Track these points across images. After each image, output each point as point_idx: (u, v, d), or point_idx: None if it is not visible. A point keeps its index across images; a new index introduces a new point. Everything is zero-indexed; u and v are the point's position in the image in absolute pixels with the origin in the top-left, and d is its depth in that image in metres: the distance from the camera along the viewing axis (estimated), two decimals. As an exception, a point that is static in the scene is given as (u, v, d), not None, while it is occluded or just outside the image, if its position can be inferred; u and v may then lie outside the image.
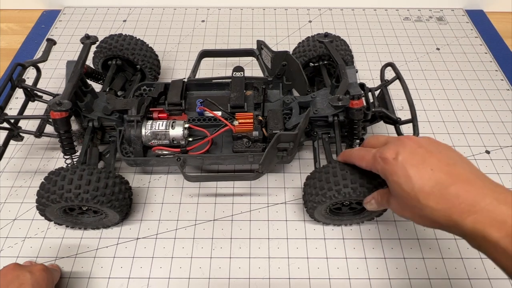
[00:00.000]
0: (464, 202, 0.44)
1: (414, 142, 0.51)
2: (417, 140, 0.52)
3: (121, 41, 0.86)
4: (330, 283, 0.68)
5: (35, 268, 0.61)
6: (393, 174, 0.50)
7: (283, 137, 0.66)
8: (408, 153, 0.50)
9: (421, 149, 0.50)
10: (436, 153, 0.49)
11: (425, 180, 0.47)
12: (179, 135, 0.71)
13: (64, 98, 0.66)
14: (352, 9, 1.22)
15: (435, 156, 0.49)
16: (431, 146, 0.51)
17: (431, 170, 0.47)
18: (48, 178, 0.64)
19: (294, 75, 0.79)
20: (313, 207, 0.67)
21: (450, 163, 0.48)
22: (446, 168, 0.47)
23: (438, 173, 0.47)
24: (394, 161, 0.50)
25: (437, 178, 0.47)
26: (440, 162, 0.48)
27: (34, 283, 0.58)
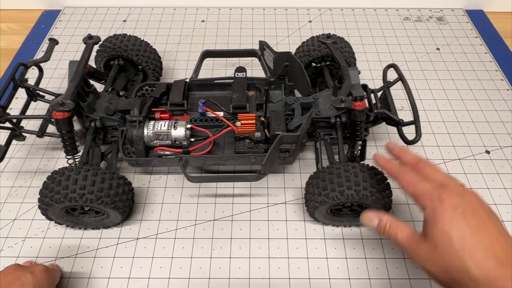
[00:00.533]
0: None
1: (478, 201, 0.48)
2: (480, 200, 0.49)
3: (126, 42, 0.86)
4: (330, 283, 0.68)
5: (36, 268, 0.61)
6: (446, 223, 0.46)
7: (285, 138, 0.66)
8: (471, 210, 0.47)
9: (484, 213, 0.47)
10: (495, 222, 0.47)
11: (480, 248, 0.44)
12: (181, 136, 0.71)
13: (66, 98, 0.66)
14: (352, 9, 1.23)
15: (495, 227, 0.46)
16: (491, 212, 0.48)
17: (489, 241, 0.45)
18: (52, 178, 0.64)
19: (296, 76, 0.79)
20: (314, 207, 0.67)
21: (508, 241, 0.45)
22: (504, 241, 0.45)
23: (496, 246, 0.44)
24: (453, 211, 0.47)
25: (494, 251, 0.44)
26: (500, 236, 0.45)
27: (36, 284, 0.58)
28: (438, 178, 0.52)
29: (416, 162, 0.56)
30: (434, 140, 0.88)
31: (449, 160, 0.84)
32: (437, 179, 0.52)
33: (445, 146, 0.86)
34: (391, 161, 0.58)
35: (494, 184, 0.80)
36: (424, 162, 0.56)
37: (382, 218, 0.55)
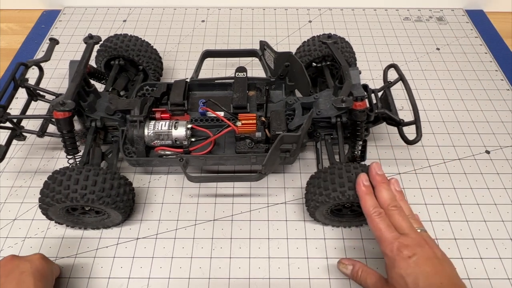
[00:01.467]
0: None
1: (432, 249, 0.56)
2: (434, 248, 0.56)
3: (127, 42, 0.86)
4: (330, 283, 0.68)
5: (34, 257, 0.61)
6: (402, 269, 0.54)
7: (286, 138, 0.66)
8: (424, 257, 0.54)
9: (436, 260, 0.54)
10: (447, 268, 0.54)
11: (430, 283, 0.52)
12: (181, 136, 0.71)
13: (67, 98, 0.66)
14: (352, 9, 1.23)
15: (446, 272, 0.54)
16: (445, 260, 0.56)
17: (440, 283, 0.52)
18: (53, 178, 0.64)
19: (297, 76, 0.79)
20: (315, 207, 0.67)
21: (456, 283, 0.53)
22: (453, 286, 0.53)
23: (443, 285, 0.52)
24: (407, 259, 0.54)
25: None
26: (449, 281, 0.53)
27: (35, 271, 0.59)
28: (402, 227, 0.58)
29: (387, 205, 0.61)
30: (434, 140, 0.88)
31: (449, 160, 0.84)
32: (400, 228, 0.58)
33: (445, 146, 0.86)
34: (370, 194, 0.61)
35: (494, 184, 0.80)
36: (395, 206, 0.60)
37: (355, 265, 0.64)
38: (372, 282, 0.60)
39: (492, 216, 0.76)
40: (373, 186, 0.62)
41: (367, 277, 0.61)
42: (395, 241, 0.56)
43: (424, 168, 0.83)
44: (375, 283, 0.59)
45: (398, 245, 0.55)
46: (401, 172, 0.82)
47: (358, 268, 0.63)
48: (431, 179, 0.81)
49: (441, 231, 0.74)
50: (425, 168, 0.83)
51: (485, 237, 0.73)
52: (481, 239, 0.73)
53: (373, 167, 0.63)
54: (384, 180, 0.63)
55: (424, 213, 0.76)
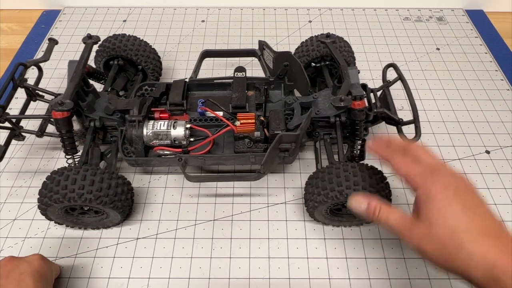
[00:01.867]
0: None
1: (468, 183, 0.49)
2: (469, 182, 0.50)
3: (125, 42, 0.86)
4: (330, 283, 0.68)
5: (32, 257, 0.61)
6: (440, 202, 0.47)
7: (285, 137, 0.66)
8: (463, 190, 0.48)
9: (474, 194, 0.48)
10: (484, 203, 0.48)
11: (475, 225, 0.45)
12: (180, 135, 0.71)
13: (66, 98, 0.66)
14: (352, 9, 1.23)
15: (485, 206, 0.48)
16: (479, 194, 0.49)
17: (482, 219, 0.46)
18: (51, 178, 0.64)
19: (296, 75, 0.79)
20: (314, 207, 0.67)
21: (496, 219, 0.47)
22: (495, 222, 0.46)
23: (488, 224, 0.46)
24: (446, 191, 0.47)
25: (488, 227, 0.45)
26: (490, 215, 0.47)
27: (34, 272, 0.59)
28: (429, 161, 0.53)
29: (406, 144, 0.56)
30: (434, 140, 0.88)
31: (449, 160, 0.84)
32: (428, 162, 0.52)
33: (445, 146, 0.86)
34: (381, 146, 0.58)
35: (494, 184, 0.80)
36: (415, 145, 0.56)
37: (371, 202, 0.54)
38: (396, 219, 0.51)
39: (492, 216, 0.75)
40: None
41: (388, 214, 0.52)
42: (426, 172, 0.50)
43: (424, 168, 0.82)
44: (400, 221, 0.51)
45: (431, 176, 0.49)
46: (401, 172, 0.82)
47: (375, 205, 0.53)
48: (431, 179, 0.81)
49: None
50: (425, 168, 0.83)
51: (485, 237, 0.73)
52: (481, 239, 0.72)
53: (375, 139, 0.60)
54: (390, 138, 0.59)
55: (424, 213, 0.76)
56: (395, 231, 0.51)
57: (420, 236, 0.48)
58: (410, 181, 0.51)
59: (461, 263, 0.44)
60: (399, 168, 0.53)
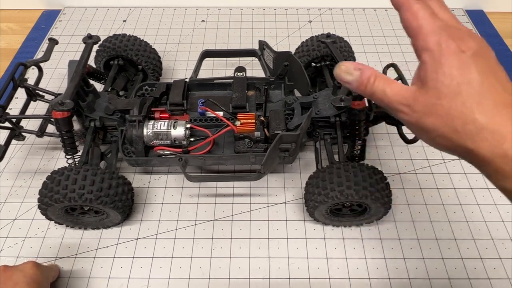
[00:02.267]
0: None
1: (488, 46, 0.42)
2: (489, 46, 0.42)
3: (125, 42, 0.86)
4: (330, 283, 0.68)
5: (26, 266, 0.61)
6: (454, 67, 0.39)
7: (285, 137, 0.66)
8: (481, 55, 0.40)
9: (494, 59, 0.41)
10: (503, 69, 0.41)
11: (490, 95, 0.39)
12: (180, 135, 0.71)
13: (66, 97, 0.66)
14: (352, 9, 1.23)
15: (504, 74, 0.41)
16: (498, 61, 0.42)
17: (501, 87, 0.39)
18: (52, 178, 0.64)
19: (296, 75, 0.79)
20: (314, 207, 0.67)
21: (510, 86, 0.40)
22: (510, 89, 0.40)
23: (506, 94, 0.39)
24: (462, 53, 0.40)
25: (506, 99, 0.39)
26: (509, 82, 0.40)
27: (29, 281, 0.58)
28: (447, 18, 0.43)
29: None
30: (434, 140, 0.87)
31: (449, 160, 0.84)
32: (445, 19, 0.43)
33: (445, 146, 0.86)
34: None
35: (494, 184, 0.80)
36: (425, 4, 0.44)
37: (364, 70, 0.44)
38: (394, 90, 0.43)
39: (492, 216, 0.75)
40: None
41: (385, 85, 0.43)
42: (442, 31, 0.41)
43: (424, 168, 0.83)
44: (400, 91, 0.42)
45: (447, 36, 0.40)
46: (401, 172, 0.82)
47: (370, 73, 0.44)
48: (431, 179, 0.81)
49: (441, 231, 0.74)
50: (425, 168, 0.83)
51: (485, 237, 0.73)
52: (481, 239, 0.73)
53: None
54: None
55: (424, 213, 0.76)
56: (393, 104, 0.43)
57: (424, 108, 0.41)
58: (420, 38, 0.42)
59: (466, 136, 0.39)
60: (413, 18, 0.42)
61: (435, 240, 0.73)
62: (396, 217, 0.76)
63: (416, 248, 0.72)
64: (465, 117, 0.38)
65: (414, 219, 0.75)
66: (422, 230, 0.74)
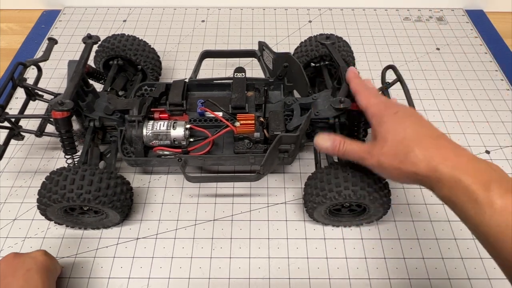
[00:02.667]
0: (448, 153, 0.50)
1: (412, 109, 0.61)
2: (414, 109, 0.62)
3: (124, 41, 0.86)
4: (330, 283, 0.68)
5: (37, 253, 0.61)
6: (391, 122, 0.56)
7: (284, 138, 0.66)
8: (409, 113, 0.57)
9: (418, 115, 0.57)
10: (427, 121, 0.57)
11: (418, 133, 0.53)
12: (180, 136, 0.71)
13: (65, 97, 0.66)
14: (352, 9, 1.23)
15: (428, 122, 0.56)
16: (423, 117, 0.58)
17: (426, 129, 0.55)
18: (50, 178, 0.64)
19: (295, 76, 0.79)
20: (313, 207, 0.67)
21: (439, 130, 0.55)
22: (437, 130, 0.55)
23: (430, 132, 0.54)
24: (394, 114, 0.56)
25: (429, 133, 0.54)
26: (432, 127, 0.55)
27: (40, 268, 0.59)
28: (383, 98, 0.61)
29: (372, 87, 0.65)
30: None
31: (449, 160, 0.84)
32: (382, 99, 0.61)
33: (445, 146, 0.86)
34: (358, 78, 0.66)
35: (494, 184, 0.80)
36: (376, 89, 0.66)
37: (335, 138, 0.61)
38: (357, 147, 0.59)
39: (492, 216, 0.75)
40: None
41: (352, 145, 0.60)
42: (381, 103, 0.59)
43: (424, 168, 0.82)
44: (361, 146, 0.59)
45: (385, 105, 0.58)
46: (401, 172, 0.82)
47: (340, 140, 0.61)
48: (431, 179, 0.81)
49: (441, 231, 0.74)
50: (425, 168, 0.82)
51: (484, 237, 0.73)
52: (481, 239, 0.73)
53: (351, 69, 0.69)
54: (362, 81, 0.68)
55: (424, 213, 0.76)
56: (358, 156, 0.59)
57: (378, 153, 0.55)
58: (368, 110, 0.60)
59: (409, 163, 0.51)
60: (362, 99, 0.62)
61: (435, 240, 0.73)
62: (396, 217, 0.76)
63: (416, 248, 0.72)
64: (406, 151, 0.52)
65: (414, 219, 0.75)
66: (422, 230, 0.74)
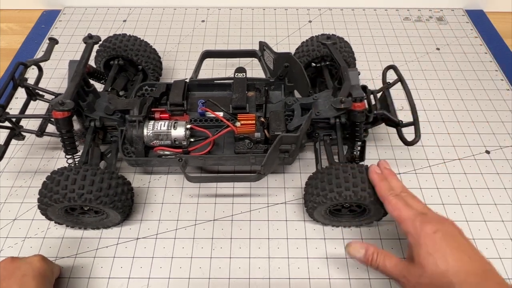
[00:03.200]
0: None
1: (454, 227, 0.55)
2: (455, 226, 0.55)
3: (125, 42, 0.86)
4: (330, 283, 0.68)
5: (34, 258, 0.61)
6: (429, 246, 0.52)
7: (285, 139, 0.66)
8: (449, 234, 0.53)
9: (459, 236, 0.54)
10: (469, 243, 0.53)
11: (462, 267, 0.50)
12: (181, 136, 0.71)
13: (66, 97, 0.66)
14: (352, 9, 1.23)
15: (470, 246, 0.53)
16: (464, 235, 0.54)
17: (469, 259, 0.51)
18: (51, 178, 0.64)
19: (296, 76, 0.79)
20: (313, 207, 0.67)
21: (483, 259, 0.52)
22: (481, 261, 0.51)
23: (475, 263, 0.51)
24: (433, 235, 0.52)
25: (474, 268, 0.50)
26: (475, 255, 0.52)
27: (36, 273, 0.58)
28: (419, 207, 0.58)
29: (400, 190, 0.61)
30: (434, 140, 0.88)
31: (449, 160, 0.84)
32: (417, 208, 0.58)
33: (445, 146, 0.86)
34: (384, 180, 0.62)
35: (494, 184, 0.80)
36: (407, 192, 0.62)
37: (368, 248, 0.59)
38: (392, 264, 0.56)
39: (492, 216, 0.76)
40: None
41: (385, 259, 0.57)
42: (416, 218, 0.55)
43: (424, 168, 0.83)
44: (396, 265, 0.56)
45: (420, 221, 0.54)
46: (401, 172, 0.82)
47: (373, 251, 0.58)
48: (431, 179, 0.81)
49: None
50: (425, 168, 0.83)
51: (485, 237, 0.73)
52: (481, 239, 0.73)
53: (382, 162, 0.66)
54: (393, 173, 0.65)
55: (423, 213, 0.76)
56: (393, 275, 0.56)
57: (416, 280, 0.52)
58: (401, 224, 0.57)
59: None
60: (393, 211, 0.58)
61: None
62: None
63: (416, 248, 0.72)
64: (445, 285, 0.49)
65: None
66: (422, 230, 0.74)
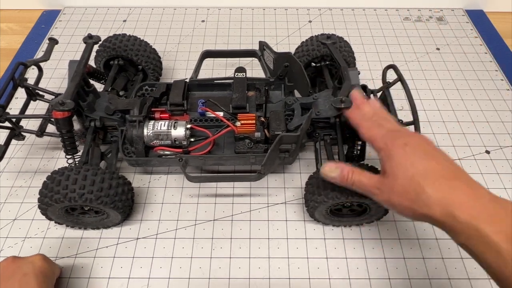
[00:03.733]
0: (464, 197, 0.48)
1: (424, 140, 0.55)
2: (426, 139, 0.56)
3: (125, 41, 0.86)
4: (330, 283, 0.68)
5: (35, 258, 0.61)
6: (400, 157, 0.53)
7: (285, 138, 0.66)
8: (418, 146, 0.53)
9: (429, 147, 0.54)
10: (440, 152, 0.54)
11: (430, 169, 0.50)
12: (181, 136, 0.71)
13: (66, 97, 0.66)
14: (352, 9, 1.23)
15: (440, 154, 0.53)
16: (435, 147, 0.55)
17: (436, 163, 0.51)
18: (52, 178, 0.64)
19: (296, 76, 0.79)
20: (314, 207, 0.67)
21: (453, 163, 0.52)
22: (450, 165, 0.52)
23: (443, 167, 0.51)
24: (403, 146, 0.53)
25: (442, 171, 0.51)
26: (445, 160, 0.52)
27: (37, 273, 0.59)
28: (390, 126, 0.59)
29: (372, 114, 0.62)
30: (434, 140, 0.88)
31: (449, 160, 0.84)
32: (389, 127, 0.58)
33: (445, 146, 0.86)
34: (356, 109, 0.64)
35: (494, 184, 0.80)
36: (378, 114, 0.62)
37: (344, 167, 0.59)
38: (367, 178, 0.57)
39: (492, 216, 0.75)
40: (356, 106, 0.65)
41: (360, 176, 0.57)
42: (387, 134, 0.56)
43: (424, 168, 0.83)
44: (371, 179, 0.56)
45: (391, 137, 0.55)
46: (401, 172, 0.82)
47: (348, 170, 0.58)
48: (431, 179, 0.81)
49: (441, 231, 0.73)
50: (425, 168, 0.83)
51: (485, 237, 0.73)
52: (481, 239, 0.73)
53: (353, 92, 0.67)
54: (364, 100, 0.65)
55: (424, 213, 0.76)
56: (368, 189, 0.56)
57: (388, 190, 0.53)
58: (374, 143, 0.58)
59: (422, 205, 0.49)
60: (364, 133, 0.60)
61: (435, 240, 0.73)
62: (396, 217, 0.76)
63: (416, 248, 0.72)
64: (417, 190, 0.49)
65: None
66: (422, 230, 0.74)
